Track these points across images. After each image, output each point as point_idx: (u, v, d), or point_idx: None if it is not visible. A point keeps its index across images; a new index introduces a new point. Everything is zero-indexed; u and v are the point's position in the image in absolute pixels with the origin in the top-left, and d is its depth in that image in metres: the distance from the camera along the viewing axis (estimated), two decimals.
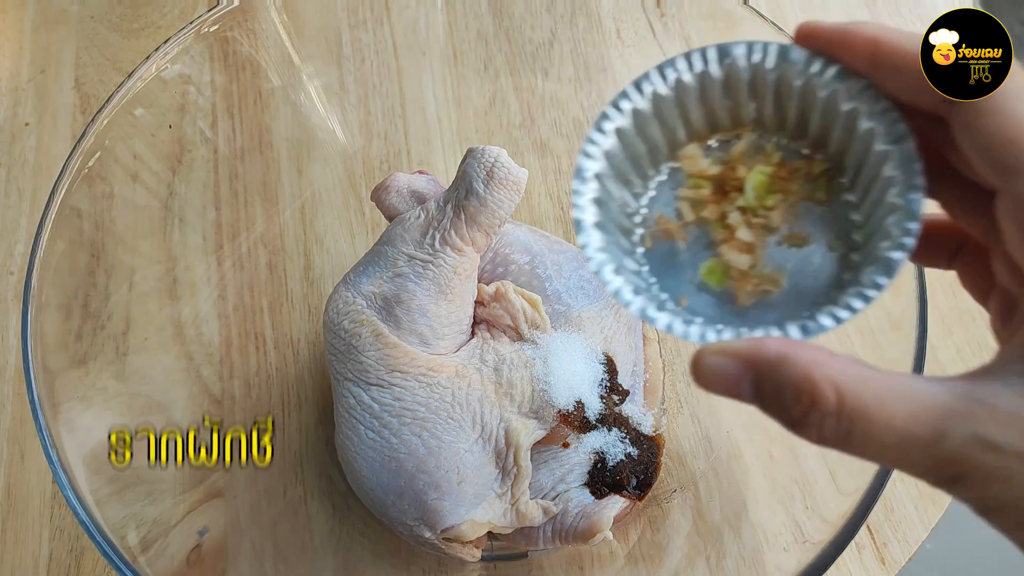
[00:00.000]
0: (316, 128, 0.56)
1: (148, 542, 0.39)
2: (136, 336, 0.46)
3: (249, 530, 0.45)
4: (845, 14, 0.67)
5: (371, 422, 0.40)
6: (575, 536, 0.41)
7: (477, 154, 0.41)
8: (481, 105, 0.59)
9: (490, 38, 0.59)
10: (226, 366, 0.50)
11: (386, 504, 0.40)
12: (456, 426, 0.40)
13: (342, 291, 0.42)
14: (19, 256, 0.56)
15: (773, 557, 0.42)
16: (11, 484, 0.50)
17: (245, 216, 0.53)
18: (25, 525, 0.49)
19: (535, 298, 0.43)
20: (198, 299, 0.50)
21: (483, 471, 0.41)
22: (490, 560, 0.46)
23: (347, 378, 0.41)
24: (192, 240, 0.51)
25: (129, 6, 0.65)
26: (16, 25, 0.65)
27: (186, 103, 0.51)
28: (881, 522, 0.48)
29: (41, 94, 0.62)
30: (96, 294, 0.44)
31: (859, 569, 0.46)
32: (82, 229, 0.43)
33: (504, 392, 0.41)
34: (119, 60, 0.63)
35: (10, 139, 0.60)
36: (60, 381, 0.39)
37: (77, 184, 0.42)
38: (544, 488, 0.43)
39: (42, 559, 0.48)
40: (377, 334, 0.41)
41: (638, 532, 0.46)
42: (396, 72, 0.59)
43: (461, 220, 0.41)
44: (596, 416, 0.43)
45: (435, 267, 0.41)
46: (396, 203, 0.44)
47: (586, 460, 0.43)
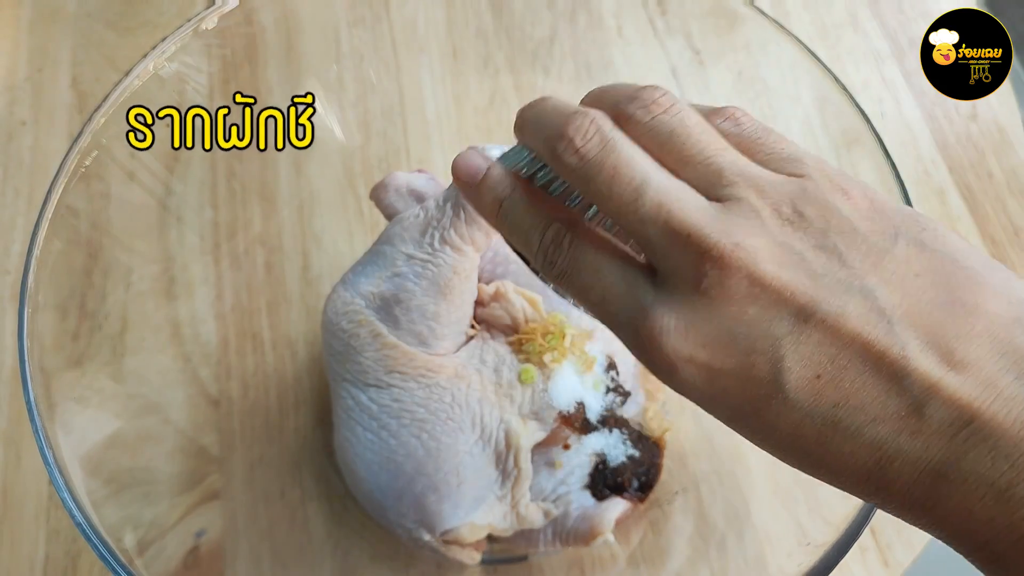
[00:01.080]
0: (314, 126, 0.55)
1: (145, 544, 0.39)
2: (133, 336, 0.46)
3: (247, 532, 0.45)
4: (848, 13, 0.67)
5: (370, 423, 0.40)
6: (576, 538, 0.41)
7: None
8: (481, 103, 0.58)
9: (490, 35, 0.59)
10: (223, 367, 0.50)
11: (385, 506, 0.40)
12: (455, 427, 0.40)
13: (340, 291, 0.42)
14: (15, 256, 0.56)
15: (776, 560, 0.41)
16: (7, 486, 0.49)
17: (243, 215, 0.53)
18: (21, 527, 0.48)
19: (535, 298, 0.43)
20: (195, 299, 0.50)
21: (483, 473, 0.40)
22: (490, 563, 0.46)
23: (345, 379, 0.41)
24: (189, 239, 0.51)
25: (126, 4, 0.65)
26: (12, 23, 0.64)
27: (183, 102, 0.50)
28: (884, 524, 0.47)
29: (37, 92, 0.62)
30: (93, 294, 0.44)
31: (862, 571, 0.46)
32: (79, 228, 0.43)
33: (504, 393, 0.41)
34: (116, 58, 0.63)
35: (6, 138, 0.60)
36: (56, 382, 0.39)
37: (74, 183, 0.42)
38: (544, 490, 0.43)
39: (38, 561, 0.47)
40: (376, 334, 0.40)
41: (639, 534, 0.45)
42: (395, 70, 0.58)
43: (461, 219, 0.41)
44: (597, 417, 0.42)
45: (434, 267, 0.41)
46: (395, 202, 0.44)
47: (587, 462, 0.43)
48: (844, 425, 0.21)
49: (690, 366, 0.23)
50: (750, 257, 0.22)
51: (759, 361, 0.22)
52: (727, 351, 0.22)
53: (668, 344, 0.23)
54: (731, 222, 0.23)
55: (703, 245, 0.22)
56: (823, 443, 0.22)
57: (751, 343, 0.22)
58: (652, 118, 0.25)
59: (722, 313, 0.22)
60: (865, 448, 0.21)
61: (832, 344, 0.21)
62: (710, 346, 0.22)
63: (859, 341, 0.21)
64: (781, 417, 0.22)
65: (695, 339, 0.23)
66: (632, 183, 0.24)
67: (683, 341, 0.23)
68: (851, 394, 0.21)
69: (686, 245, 0.23)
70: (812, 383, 0.21)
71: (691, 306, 0.23)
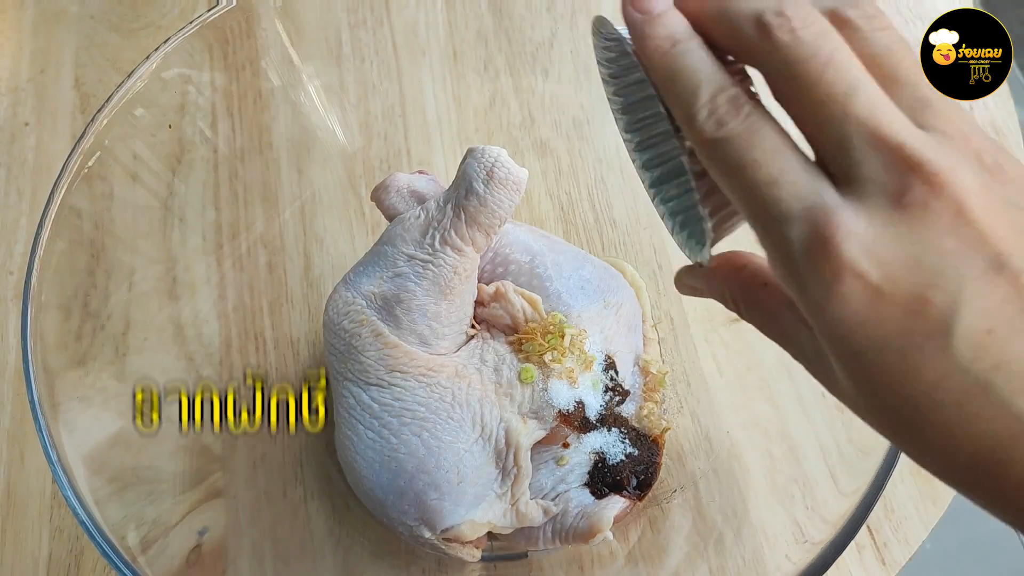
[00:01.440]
0: (316, 128, 0.56)
1: (148, 542, 0.39)
2: (136, 336, 0.46)
3: (249, 530, 0.45)
4: None
5: (371, 422, 0.40)
6: (575, 536, 0.41)
7: (477, 154, 0.41)
8: (481, 105, 0.59)
9: (490, 38, 0.59)
10: (226, 366, 0.50)
11: (386, 504, 0.40)
12: (456, 426, 0.40)
13: (342, 291, 0.42)
14: (19, 256, 0.56)
15: (773, 557, 0.42)
16: (11, 484, 0.50)
17: (245, 216, 0.53)
18: (25, 525, 0.49)
19: (535, 298, 0.43)
20: (198, 299, 0.50)
21: (483, 471, 0.41)
22: (490, 560, 0.46)
23: (347, 378, 0.41)
24: (192, 240, 0.51)
25: (129, 6, 0.65)
26: (15, 25, 0.65)
27: (186, 103, 0.51)
28: (881, 522, 0.48)
29: (41, 94, 0.62)
30: (96, 294, 0.44)
31: (859, 569, 0.46)
32: (82, 229, 0.43)
33: (504, 392, 0.41)
34: (119, 60, 0.63)
35: (9, 139, 0.60)
36: (60, 381, 0.39)
37: (77, 184, 0.42)
38: (544, 488, 0.43)
39: (42, 559, 0.48)
40: (377, 334, 0.40)
41: (638, 532, 0.46)
42: (396, 72, 0.59)
43: (461, 220, 0.41)
44: (596, 416, 0.43)
45: (435, 267, 0.41)
46: (396, 203, 0.44)
47: (586, 460, 0.43)
48: (996, 389, 0.20)
49: (857, 282, 0.21)
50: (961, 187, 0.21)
51: (938, 297, 0.20)
52: (908, 277, 0.20)
53: (848, 250, 0.21)
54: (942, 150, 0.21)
55: (915, 158, 0.21)
56: (960, 405, 0.20)
57: (936, 276, 0.20)
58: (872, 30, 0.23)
59: (918, 236, 0.21)
60: (1005, 419, 0.20)
61: (1015, 303, 0.20)
62: (891, 266, 0.21)
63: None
64: (930, 363, 0.20)
65: (877, 254, 0.21)
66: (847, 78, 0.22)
67: (863, 252, 0.21)
68: (1017, 359, 0.20)
69: (894, 154, 0.21)
70: (982, 337, 0.20)
71: (886, 219, 0.21)
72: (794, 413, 0.46)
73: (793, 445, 0.45)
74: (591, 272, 0.46)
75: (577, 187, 0.57)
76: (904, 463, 0.47)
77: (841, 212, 0.21)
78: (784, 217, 0.22)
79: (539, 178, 0.57)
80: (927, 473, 0.22)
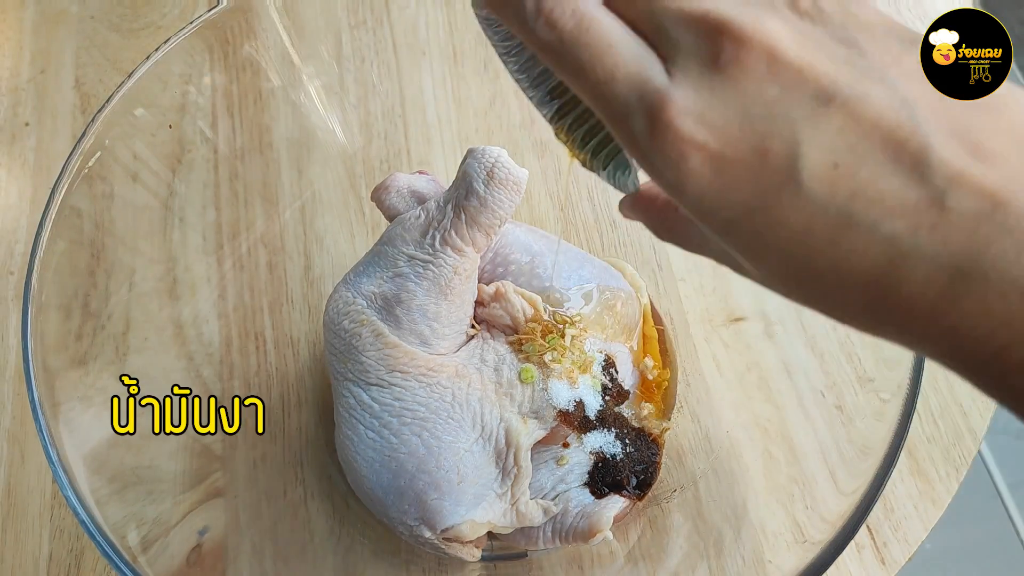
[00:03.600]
0: (316, 128, 0.56)
1: (148, 542, 0.39)
2: (136, 336, 0.46)
3: (249, 530, 0.45)
4: None
5: (371, 422, 0.40)
6: (575, 536, 0.41)
7: (477, 154, 0.41)
8: (481, 105, 0.59)
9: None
10: (226, 366, 0.50)
11: (386, 504, 0.40)
12: (456, 426, 0.40)
13: (342, 291, 0.42)
14: (19, 256, 0.56)
15: (773, 557, 0.42)
16: (11, 484, 0.50)
17: (245, 216, 0.53)
18: (25, 525, 0.49)
19: (535, 298, 0.43)
20: (198, 299, 0.50)
21: (483, 471, 0.41)
22: (490, 560, 0.46)
23: (347, 378, 0.41)
24: (192, 240, 0.51)
25: (129, 6, 0.65)
26: (16, 25, 0.65)
27: (186, 103, 0.51)
28: (881, 522, 0.48)
29: (41, 94, 0.62)
30: (96, 294, 0.44)
31: (859, 569, 0.47)
32: (82, 229, 0.43)
33: (504, 392, 0.41)
34: (119, 60, 0.63)
35: (10, 139, 0.60)
36: (60, 381, 0.39)
37: (77, 184, 0.42)
38: (544, 488, 0.43)
39: (42, 559, 0.48)
40: (377, 334, 0.41)
41: (638, 532, 0.46)
42: (396, 72, 0.59)
43: (461, 220, 0.41)
44: (596, 416, 0.43)
45: (435, 267, 0.41)
46: (396, 203, 0.44)
47: (586, 460, 0.44)
48: (859, 219, 0.20)
49: (700, 153, 0.21)
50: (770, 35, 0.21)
51: (775, 145, 0.21)
52: (742, 135, 0.21)
53: (683, 125, 0.21)
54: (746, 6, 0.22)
55: (720, 19, 0.21)
56: (834, 242, 0.20)
57: (768, 126, 0.21)
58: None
59: (739, 92, 0.21)
60: (879, 245, 0.20)
61: (852, 131, 0.20)
62: (725, 130, 0.21)
63: (880, 128, 0.20)
64: (792, 211, 0.21)
65: (710, 122, 0.21)
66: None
67: (697, 124, 0.21)
68: (869, 185, 0.20)
69: (701, 22, 0.21)
70: (829, 172, 0.20)
71: (707, 86, 0.21)
72: (794, 413, 0.46)
73: (793, 445, 0.45)
74: (591, 272, 0.46)
75: (577, 187, 0.57)
76: (904, 463, 0.47)
77: (671, 92, 0.21)
78: (625, 113, 0.22)
79: (539, 178, 0.57)
80: (927, 473, 0.22)
